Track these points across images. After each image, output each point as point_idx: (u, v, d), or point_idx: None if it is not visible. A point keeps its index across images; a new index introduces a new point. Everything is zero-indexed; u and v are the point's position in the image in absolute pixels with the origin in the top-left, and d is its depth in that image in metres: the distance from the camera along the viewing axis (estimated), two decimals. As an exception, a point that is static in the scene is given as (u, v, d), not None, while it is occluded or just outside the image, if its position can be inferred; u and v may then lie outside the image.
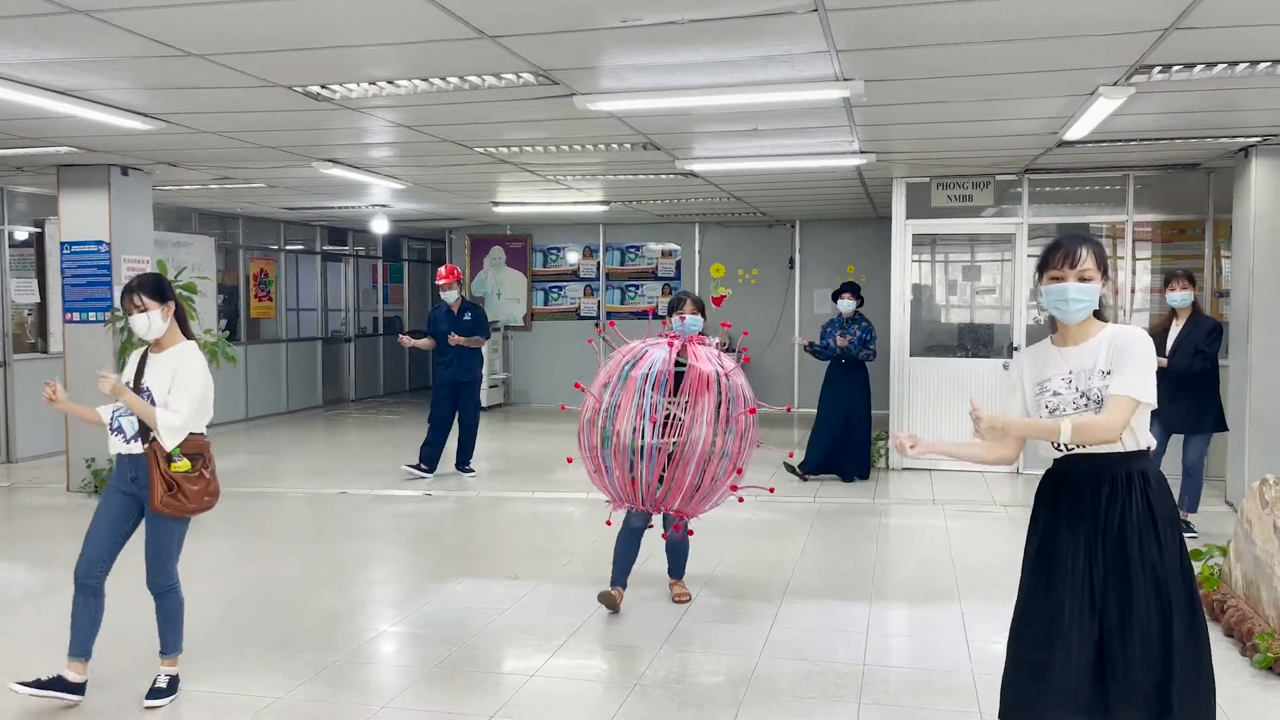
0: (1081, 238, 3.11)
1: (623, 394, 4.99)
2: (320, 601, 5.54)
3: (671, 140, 7.44)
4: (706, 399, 4.93)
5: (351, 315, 16.21)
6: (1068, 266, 3.04)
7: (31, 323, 10.67)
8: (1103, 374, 3.01)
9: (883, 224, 10.99)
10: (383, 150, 7.95)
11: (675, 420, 4.94)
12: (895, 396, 9.51)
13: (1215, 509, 7.58)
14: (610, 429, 4.98)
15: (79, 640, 4.09)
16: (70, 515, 7.68)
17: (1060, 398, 3.07)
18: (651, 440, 4.93)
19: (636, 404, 4.93)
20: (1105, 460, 3.03)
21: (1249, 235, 7.65)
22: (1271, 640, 4.42)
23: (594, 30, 4.49)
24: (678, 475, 4.98)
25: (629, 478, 5.01)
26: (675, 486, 5.01)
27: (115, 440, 4.09)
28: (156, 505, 3.98)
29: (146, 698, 4.09)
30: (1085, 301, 3.04)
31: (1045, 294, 3.09)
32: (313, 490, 8.69)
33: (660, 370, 4.99)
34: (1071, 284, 3.03)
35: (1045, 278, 3.10)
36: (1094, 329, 3.09)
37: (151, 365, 4.09)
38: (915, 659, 4.77)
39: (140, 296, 4.00)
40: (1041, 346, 3.23)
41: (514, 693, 4.25)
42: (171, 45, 4.70)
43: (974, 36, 4.63)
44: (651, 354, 5.07)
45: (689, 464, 4.95)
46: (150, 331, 4.04)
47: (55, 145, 7.50)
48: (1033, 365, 3.19)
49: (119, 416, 4.08)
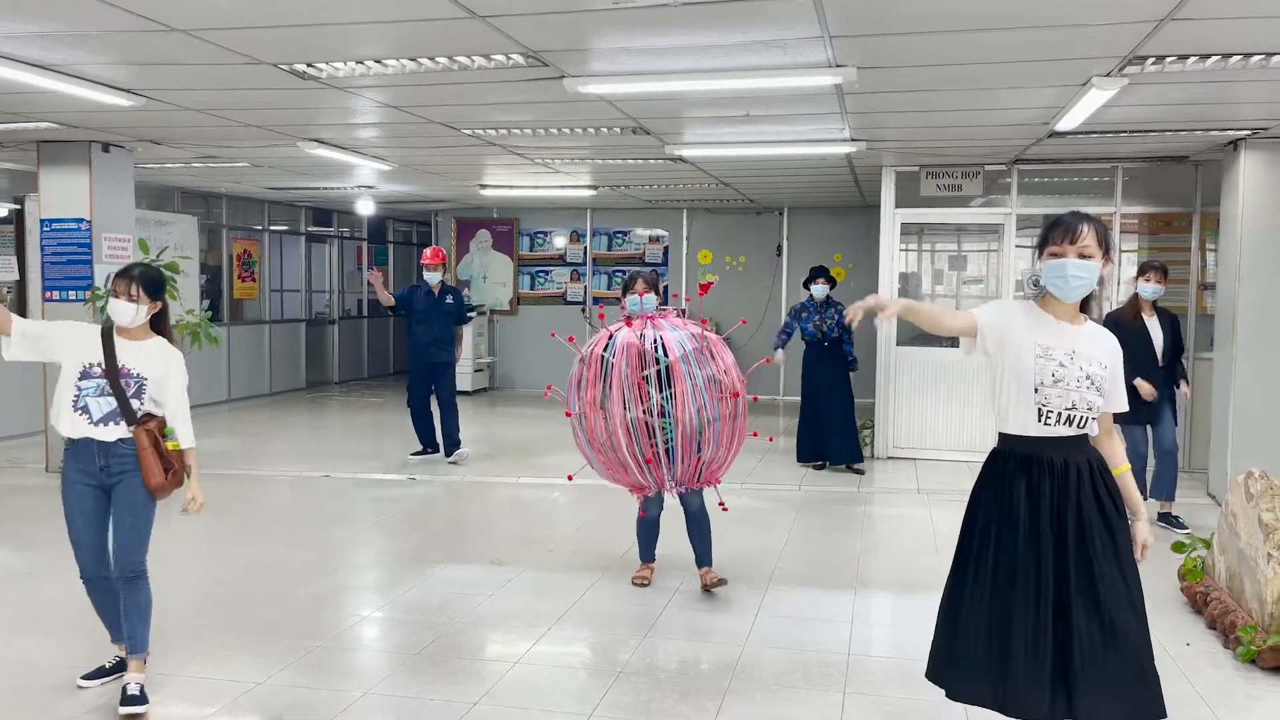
0: (1084, 215, 3.08)
1: (611, 385, 4.99)
2: (302, 586, 5.50)
3: (661, 125, 7.39)
4: (686, 380, 4.95)
5: (336, 297, 16.11)
6: (1068, 243, 3.01)
7: (10, 300, 10.53)
8: (1101, 365, 3.06)
9: (871, 212, 10.97)
10: (369, 131, 7.86)
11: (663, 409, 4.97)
12: (881, 386, 9.50)
13: (1197, 500, 7.63)
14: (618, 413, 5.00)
15: (116, 628, 4.10)
16: (48, 496, 7.54)
17: (1066, 370, 3.03)
18: (641, 415, 4.95)
19: (624, 393, 4.94)
20: (1075, 441, 3.09)
21: (1236, 230, 7.66)
22: (1254, 633, 4.44)
23: (586, 12, 4.44)
24: (682, 456, 5.07)
25: (641, 461, 5.05)
26: (682, 465, 5.10)
27: (77, 420, 3.86)
28: (156, 486, 3.90)
29: (121, 705, 3.83)
30: (1084, 279, 3.01)
31: (1044, 270, 3.05)
32: (296, 473, 8.63)
33: (623, 345, 5.01)
34: (1071, 260, 3.00)
35: (1045, 254, 3.07)
36: (1081, 315, 3.12)
37: (126, 349, 3.93)
38: (899, 648, 4.76)
39: (137, 288, 3.91)
40: (1031, 308, 3.14)
41: (497, 679, 4.22)
42: (155, 20, 4.62)
43: (969, 25, 4.60)
44: (617, 341, 5.08)
45: (688, 442, 5.03)
46: (131, 321, 3.93)
47: (36, 121, 7.38)
48: (1028, 323, 3.10)
49: (85, 396, 3.87)
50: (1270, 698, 4.13)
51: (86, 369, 3.90)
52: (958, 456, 9.19)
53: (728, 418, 5.08)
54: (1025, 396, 3.05)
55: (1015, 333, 3.08)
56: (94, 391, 3.88)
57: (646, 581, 5.49)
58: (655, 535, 5.58)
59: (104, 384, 3.88)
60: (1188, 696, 4.07)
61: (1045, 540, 3.04)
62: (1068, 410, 3.03)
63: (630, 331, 5.12)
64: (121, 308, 3.92)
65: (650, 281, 5.40)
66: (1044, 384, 3.03)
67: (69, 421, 3.89)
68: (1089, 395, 3.03)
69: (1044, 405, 3.03)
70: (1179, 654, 4.54)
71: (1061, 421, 3.04)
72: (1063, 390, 3.02)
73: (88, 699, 3.99)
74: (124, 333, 3.98)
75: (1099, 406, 3.08)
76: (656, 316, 5.22)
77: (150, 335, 4.04)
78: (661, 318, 5.21)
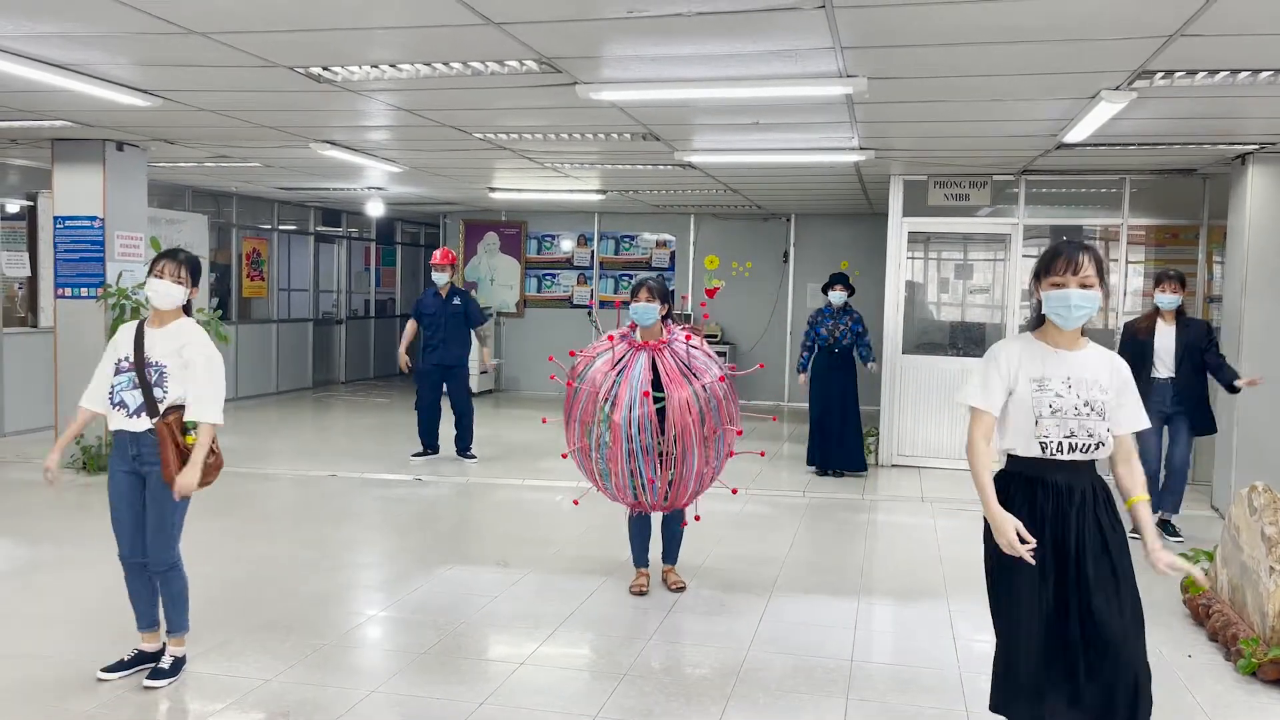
0: (1082, 245, 3.15)
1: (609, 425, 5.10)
2: (309, 585, 5.54)
3: (671, 132, 7.43)
4: (692, 429, 5.06)
5: (343, 297, 16.16)
6: (1070, 273, 3.07)
7: (22, 296, 10.60)
8: (1102, 389, 3.11)
9: (878, 220, 11.02)
10: (381, 133, 7.91)
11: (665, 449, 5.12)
12: (886, 393, 9.53)
13: (1201, 513, 7.64)
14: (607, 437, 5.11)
15: (143, 615, 4.19)
16: (59, 491, 7.65)
17: (1063, 400, 3.10)
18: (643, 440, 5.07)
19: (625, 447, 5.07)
20: (1081, 466, 3.14)
21: (1243, 243, 7.68)
22: (1256, 646, 4.46)
23: (600, 20, 4.48)
24: (676, 491, 5.22)
25: (628, 486, 5.20)
26: (674, 497, 5.26)
27: (116, 415, 4.05)
28: (170, 480, 3.97)
29: (148, 678, 4.08)
30: (1086, 308, 3.08)
31: (1046, 300, 3.13)
32: (302, 472, 8.67)
33: (586, 387, 5.17)
34: (1074, 290, 3.07)
35: (1046, 284, 3.13)
36: (1083, 340, 3.17)
37: (154, 340, 4.07)
38: (902, 655, 4.80)
39: (185, 270, 4.06)
40: (1029, 341, 3.22)
41: (502, 680, 4.26)
42: (173, 22, 4.67)
43: (979, 37, 4.63)
44: (627, 374, 5.14)
45: (687, 483, 5.20)
46: (166, 300, 4.05)
47: (51, 119, 7.45)
48: (1026, 359, 3.18)
49: (120, 391, 4.04)
50: (1271, 710, 4.15)
51: (119, 364, 4.06)
52: (961, 465, 9.20)
53: (664, 475, 5.15)
54: (1027, 428, 3.13)
55: (1015, 370, 3.17)
56: (126, 385, 4.03)
57: (644, 590, 5.46)
58: (648, 534, 5.53)
59: (133, 376, 4.02)
60: (1188, 708, 4.10)
61: (1046, 561, 3.10)
62: (1067, 439, 3.09)
63: (605, 362, 5.19)
64: (165, 289, 4.04)
65: (655, 289, 5.28)
66: (1042, 416, 3.10)
67: (111, 416, 4.07)
68: (1088, 422, 3.08)
69: (1045, 438, 3.11)
70: (1180, 666, 4.57)
71: (1064, 450, 3.10)
72: (1060, 420, 3.09)
73: (103, 692, 4.02)
74: (156, 321, 4.11)
75: (1100, 432, 3.10)
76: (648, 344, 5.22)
77: (179, 317, 4.15)
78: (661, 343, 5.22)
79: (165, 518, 4.06)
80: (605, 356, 5.22)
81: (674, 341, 5.26)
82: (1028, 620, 3.14)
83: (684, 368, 5.15)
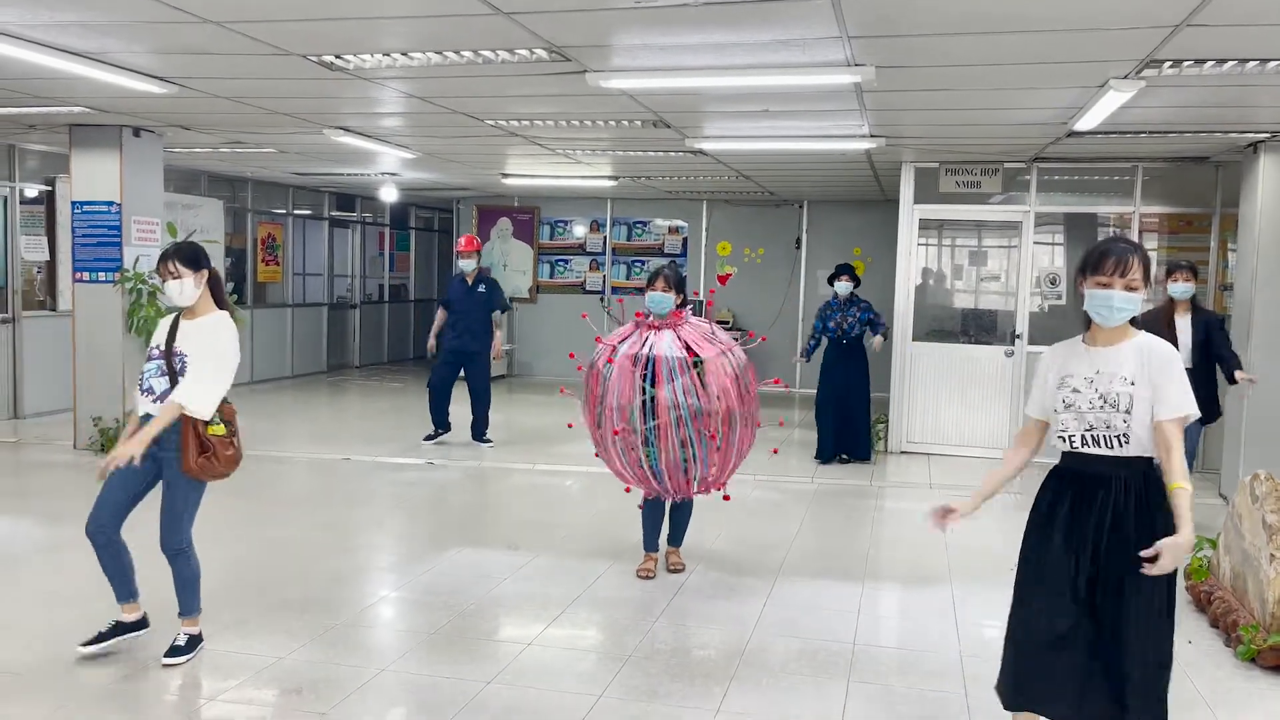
0: (1133, 246, 3.12)
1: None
2: (322, 565, 5.64)
3: (682, 119, 7.46)
4: (731, 391, 5.17)
5: (357, 282, 16.26)
6: (1117, 275, 3.05)
7: (41, 280, 10.73)
8: (1125, 381, 3.07)
9: (890, 207, 11.00)
10: (394, 120, 7.97)
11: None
12: (896, 380, 9.56)
13: (1209, 501, 7.66)
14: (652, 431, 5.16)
15: (119, 587, 4.25)
16: (77, 472, 7.78)
17: (1079, 395, 3.12)
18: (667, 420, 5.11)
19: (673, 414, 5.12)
20: (1120, 461, 3.12)
21: (1254, 232, 7.67)
22: (1255, 632, 4.50)
23: (608, 10, 4.52)
24: (724, 458, 5.29)
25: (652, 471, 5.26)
26: (722, 464, 5.33)
27: (144, 401, 4.16)
28: (189, 467, 4.05)
29: (165, 655, 4.18)
30: (1128, 310, 3.08)
31: (1089, 297, 3.11)
32: (316, 455, 8.78)
33: (618, 371, 5.19)
34: (1118, 293, 3.06)
35: (1091, 281, 3.10)
36: (1125, 334, 3.14)
37: (184, 333, 4.18)
38: (905, 639, 4.86)
39: (175, 263, 4.13)
40: (1072, 343, 3.26)
41: (510, 660, 4.34)
42: (189, 11, 4.73)
43: (986, 26, 4.65)
44: (618, 356, 5.23)
45: (734, 450, 5.29)
46: (182, 297, 4.15)
47: (69, 105, 7.53)
48: (1061, 360, 3.23)
49: (149, 377, 4.15)
50: (1270, 696, 4.20)
51: (151, 352, 4.21)
52: (970, 452, 9.26)
53: (714, 446, 5.20)
54: (1055, 424, 3.22)
55: (1048, 373, 3.27)
56: (155, 372, 4.15)
57: (651, 574, 5.53)
58: (660, 518, 5.60)
59: (162, 364, 4.14)
60: (1189, 694, 4.14)
61: (1083, 553, 3.12)
62: (1087, 432, 3.10)
63: (631, 344, 5.23)
64: (170, 289, 4.17)
65: (670, 278, 5.34)
66: (1058, 410, 3.15)
67: (140, 401, 4.18)
68: (1105, 415, 3.07)
69: (1063, 431, 3.15)
70: (1181, 652, 4.59)
71: (1086, 444, 3.11)
72: (1076, 414, 3.11)
73: (120, 667, 4.13)
74: (189, 314, 4.22)
75: (1120, 425, 3.05)
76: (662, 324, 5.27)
77: (211, 310, 4.24)
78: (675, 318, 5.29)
79: (178, 503, 4.15)
80: (631, 340, 5.27)
81: (688, 321, 5.34)
82: (1037, 619, 3.18)
83: (708, 337, 5.28)
